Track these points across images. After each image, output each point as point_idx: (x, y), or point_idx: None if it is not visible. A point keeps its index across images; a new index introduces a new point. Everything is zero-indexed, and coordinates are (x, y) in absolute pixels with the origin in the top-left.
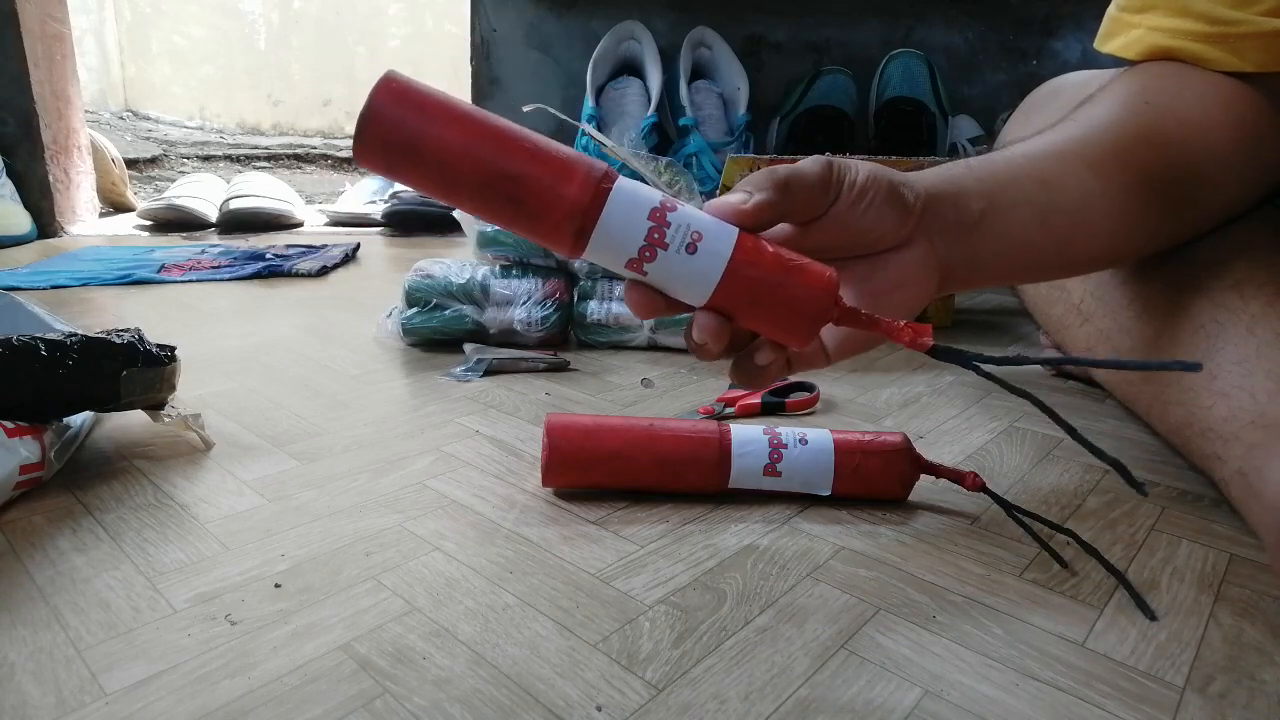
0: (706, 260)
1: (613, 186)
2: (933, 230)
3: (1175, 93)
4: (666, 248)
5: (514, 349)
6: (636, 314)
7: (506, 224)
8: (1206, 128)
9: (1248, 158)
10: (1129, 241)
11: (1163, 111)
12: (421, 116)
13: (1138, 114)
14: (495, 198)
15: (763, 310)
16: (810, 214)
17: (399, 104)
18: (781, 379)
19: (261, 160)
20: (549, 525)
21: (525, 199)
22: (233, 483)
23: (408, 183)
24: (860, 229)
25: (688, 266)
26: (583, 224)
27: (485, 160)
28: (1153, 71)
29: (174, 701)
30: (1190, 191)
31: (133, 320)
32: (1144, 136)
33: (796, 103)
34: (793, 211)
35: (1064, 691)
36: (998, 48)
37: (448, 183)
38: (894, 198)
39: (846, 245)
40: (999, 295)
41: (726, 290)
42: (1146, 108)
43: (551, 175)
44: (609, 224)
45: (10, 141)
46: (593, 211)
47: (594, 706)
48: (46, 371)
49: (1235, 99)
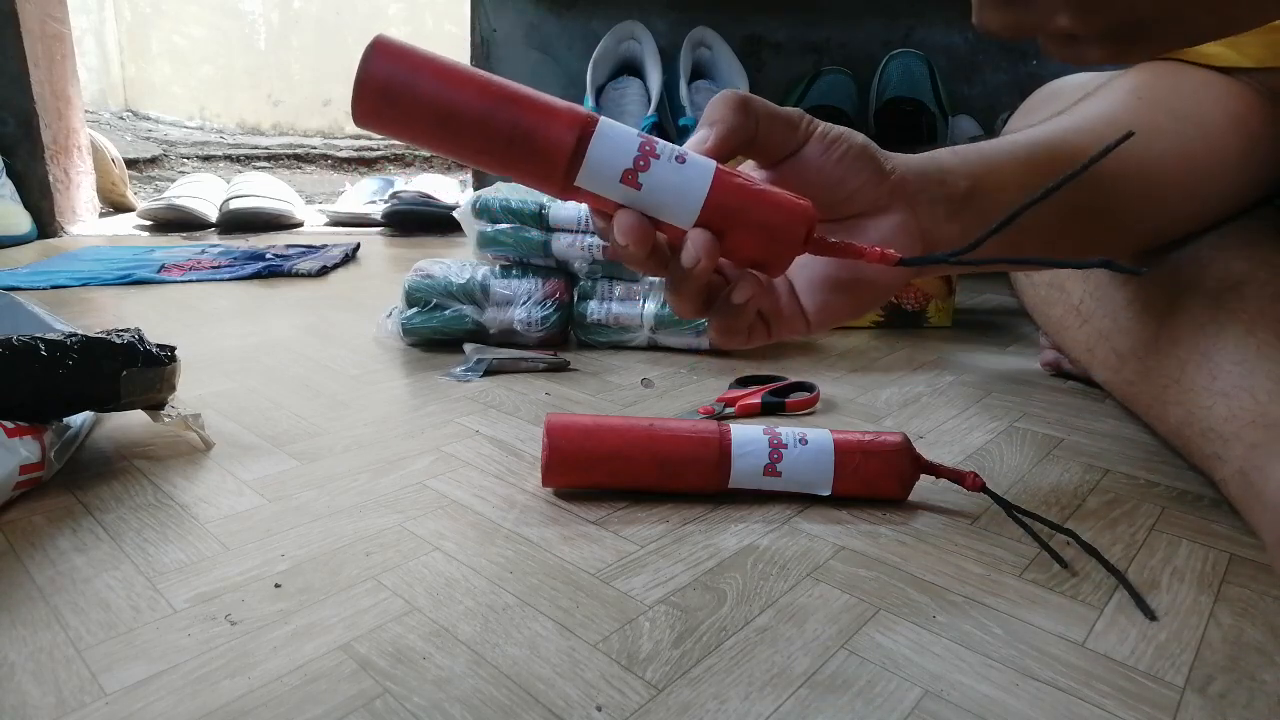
0: (695, 171)
1: (600, 118)
2: (915, 201)
3: (1170, 88)
4: (659, 158)
5: (514, 349)
6: (626, 242)
7: (502, 163)
8: (1200, 121)
9: (1244, 153)
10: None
11: (1155, 105)
12: (414, 69)
13: (1130, 108)
14: (493, 136)
15: (744, 230)
16: (777, 148)
17: (393, 60)
18: (763, 340)
19: (261, 160)
20: (549, 525)
21: (521, 133)
22: (233, 483)
23: (405, 135)
24: (834, 179)
25: (679, 175)
26: (579, 145)
27: (479, 102)
28: (1150, 69)
29: (174, 701)
30: (1184, 184)
31: (133, 320)
32: (1134, 127)
33: (796, 103)
34: (759, 139)
35: (1064, 691)
36: (998, 48)
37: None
38: (867, 156)
39: (823, 198)
40: (999, 296)
41: (714, 204)
42: (1139, 102)
43: (545, 107)
44: (604, 141)
45: (10, 141)
46: (590, 128)
47: (594, 706)
48: (46, 371)
49: (1231, 95)
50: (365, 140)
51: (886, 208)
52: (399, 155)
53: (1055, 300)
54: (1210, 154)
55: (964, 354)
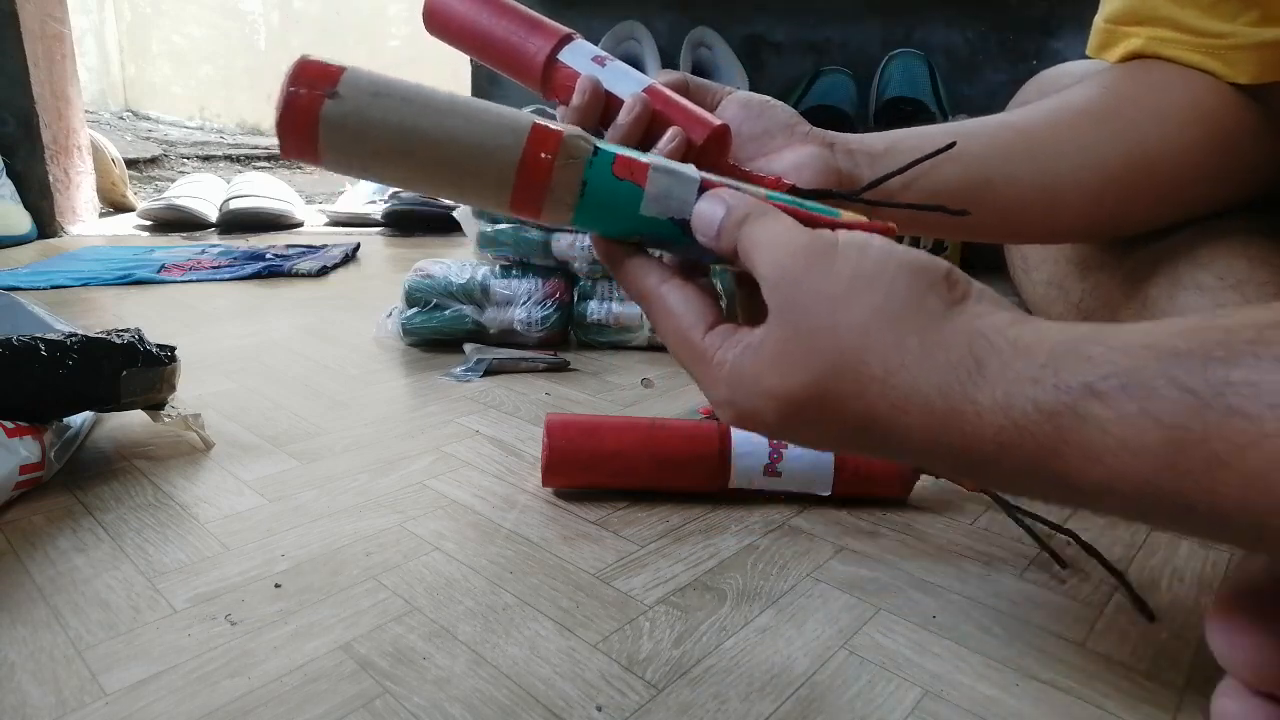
0: (638, 76)
1: None
2: (834, 147)
3: (1141, 81)
4: (614, 61)
5: (514, 349)
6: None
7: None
8: (1156, 109)
9: (1216, 153)
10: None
11: (1118, 96)
12: None
13: (1087, 97)
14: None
15: (673, 110)
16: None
17: None
18: None
19: (261, 160)
20: (549, 525)
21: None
22: (233, 483)
23: None
24: (745, 119)
25: (629, 74)
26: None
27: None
28: (1128, 65)
29: (174, 701)
30: (1133, 172)
31: (133, 320)
32: (1089, 112)
33: (796, 103)
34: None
35: (1064, 691)
36: (998, 48)
37: None
38: (783, 109)
39: (745, 131)
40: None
41: (649, 92)
42: (1103, 91)
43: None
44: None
45: (10, 141)
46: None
47: (594, 706)
48: (46, 371)
49: (1205, 95)
50: None
51: (802, 144)
52: None
53: (1055, 298)
54: (1162, 141)
55: None
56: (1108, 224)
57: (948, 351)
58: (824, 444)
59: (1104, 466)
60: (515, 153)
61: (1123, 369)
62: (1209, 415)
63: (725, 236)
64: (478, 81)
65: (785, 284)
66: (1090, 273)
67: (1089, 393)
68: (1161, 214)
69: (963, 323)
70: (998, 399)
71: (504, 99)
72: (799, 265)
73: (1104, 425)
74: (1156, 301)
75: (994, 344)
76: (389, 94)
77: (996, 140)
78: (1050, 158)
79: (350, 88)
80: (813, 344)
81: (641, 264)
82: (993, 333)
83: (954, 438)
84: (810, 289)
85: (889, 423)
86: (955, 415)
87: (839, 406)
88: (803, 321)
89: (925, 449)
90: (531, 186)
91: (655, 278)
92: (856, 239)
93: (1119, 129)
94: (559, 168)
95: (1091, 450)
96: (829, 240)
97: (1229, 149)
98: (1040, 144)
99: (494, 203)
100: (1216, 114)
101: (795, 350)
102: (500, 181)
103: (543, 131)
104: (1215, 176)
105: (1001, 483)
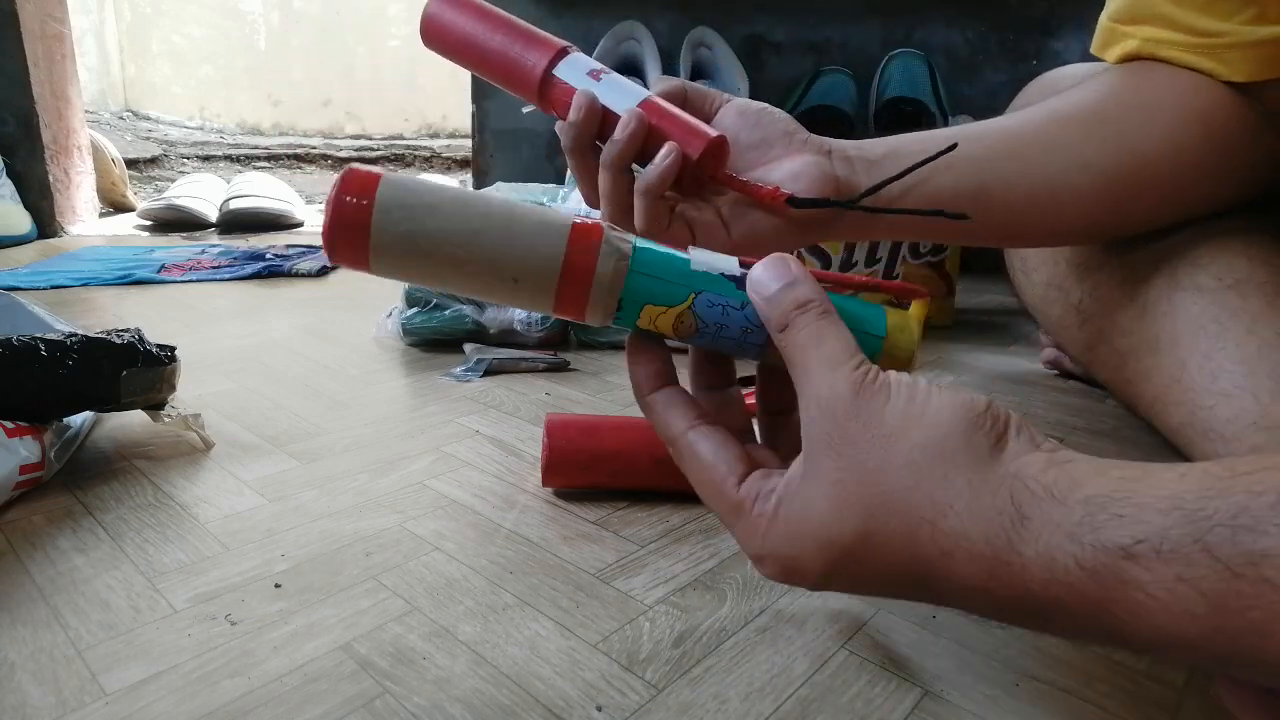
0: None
1: None
2: (831, 154)
3: (1137, 83)
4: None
5: (514, 349)
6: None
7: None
8: (1160, 117)
9: (1214, 152)
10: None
11: (1113, 99)
12: None
13: (1082, 101)
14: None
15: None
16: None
17: None
18: (685, 238)
19: (261, 160)
20: (549, 525)
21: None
22: (233, 483)
23: None
24: (742, 128)
25: (625, 86)
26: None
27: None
28: (1125, 67)
29: (174, 701)
30: (1128, 173)
31: (133, 320)
32: (1084, 115)
33: (796, 103)
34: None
35: (1064, 691)
36: (998, 48)
37: None
38: (780, 117)
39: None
40: (999, 296)
41: (645, 107)
42: (1098, 94)
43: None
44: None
45: (10, 141)
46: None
47: (594, 706)
48: (46, 371)
49: (1200, 94)
50: (365, 140)
51: (800, 152)
52: (399, 155)
53: (1055, 299)
54: (1159, 142)
55: (965, 353)
56: (1107, 226)
57: (993, 496)
58: (869, 587)
59: (1152, 626)
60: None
61: (1155, 531)
62: (1243, 586)
63: (778, 309)
64: (477, 83)
65: (837, 417)
66: (1090, 274)
67: (1126, 556)
68: (1160, 214)
69: (1004, 466)
70: (1040, 552)
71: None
72: (849, 399)
73: (1145, 588)
74: (1156, 303)
75: (1033, 491)
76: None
77: (992, 145)
78: (1046, 162)
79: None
80: (863, 478)
81: (670, 402)
82: (1030, 479)
83: (1002, 588)
84: (863, 424)
85: (937, 566)
86: (1002, 566)
87: (888, 548)
88: (855, 456)
89: (972, 596)
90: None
91: (684, 422)
92: (904, 378)
93: (1115, 131)
94: (604, 255)
95: (1137, 610)
96: (882, 378)
97: (1226, 148)
98: (1036, 148)
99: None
100: (1213, 113)
101: (849, 483)
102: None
103: (583, 229)
104: (1213, 176)
105: (1060, 633)
